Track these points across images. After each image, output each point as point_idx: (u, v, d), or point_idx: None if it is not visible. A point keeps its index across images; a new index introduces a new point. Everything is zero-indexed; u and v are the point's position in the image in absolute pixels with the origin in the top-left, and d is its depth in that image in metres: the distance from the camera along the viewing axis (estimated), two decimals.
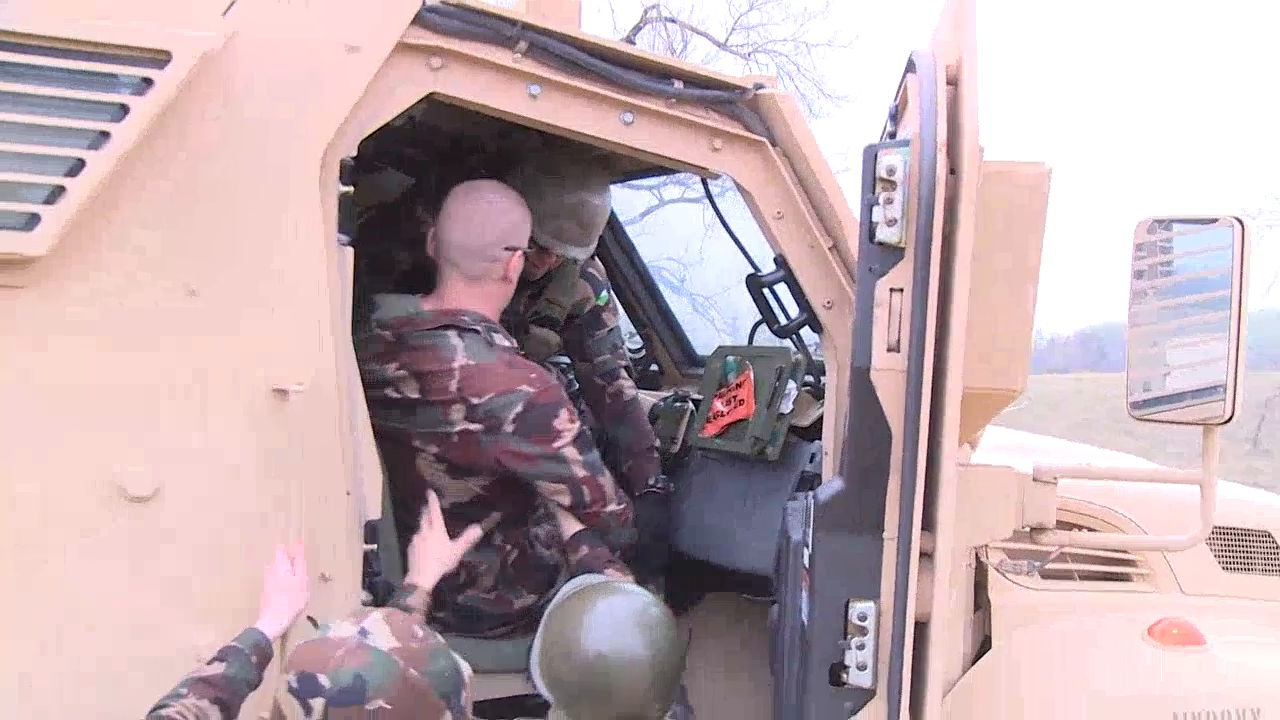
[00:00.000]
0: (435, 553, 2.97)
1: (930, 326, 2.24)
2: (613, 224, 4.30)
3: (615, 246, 4.31)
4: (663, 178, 17.00)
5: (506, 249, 3.11)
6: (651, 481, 3.65)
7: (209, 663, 2.33)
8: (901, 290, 2.28)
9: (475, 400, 3.00)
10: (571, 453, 3.05)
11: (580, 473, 3.08)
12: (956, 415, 2.24)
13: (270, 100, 2.48)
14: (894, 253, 2.29)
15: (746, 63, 20.83)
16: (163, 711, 2.24)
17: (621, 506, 3.21)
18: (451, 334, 3.05)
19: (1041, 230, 2.34)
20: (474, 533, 3.09)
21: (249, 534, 2.48)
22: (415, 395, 3.05)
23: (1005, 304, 2.34)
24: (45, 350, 2.36)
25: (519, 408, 3.00)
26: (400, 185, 3.96)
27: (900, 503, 2.28)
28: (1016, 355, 2.37)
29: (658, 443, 3.76)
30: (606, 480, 3.16)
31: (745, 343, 3.59)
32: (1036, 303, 2.36)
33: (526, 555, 3.32)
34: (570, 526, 3.14)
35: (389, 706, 2.00)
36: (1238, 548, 3.51)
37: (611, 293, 4.01)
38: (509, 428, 3.00)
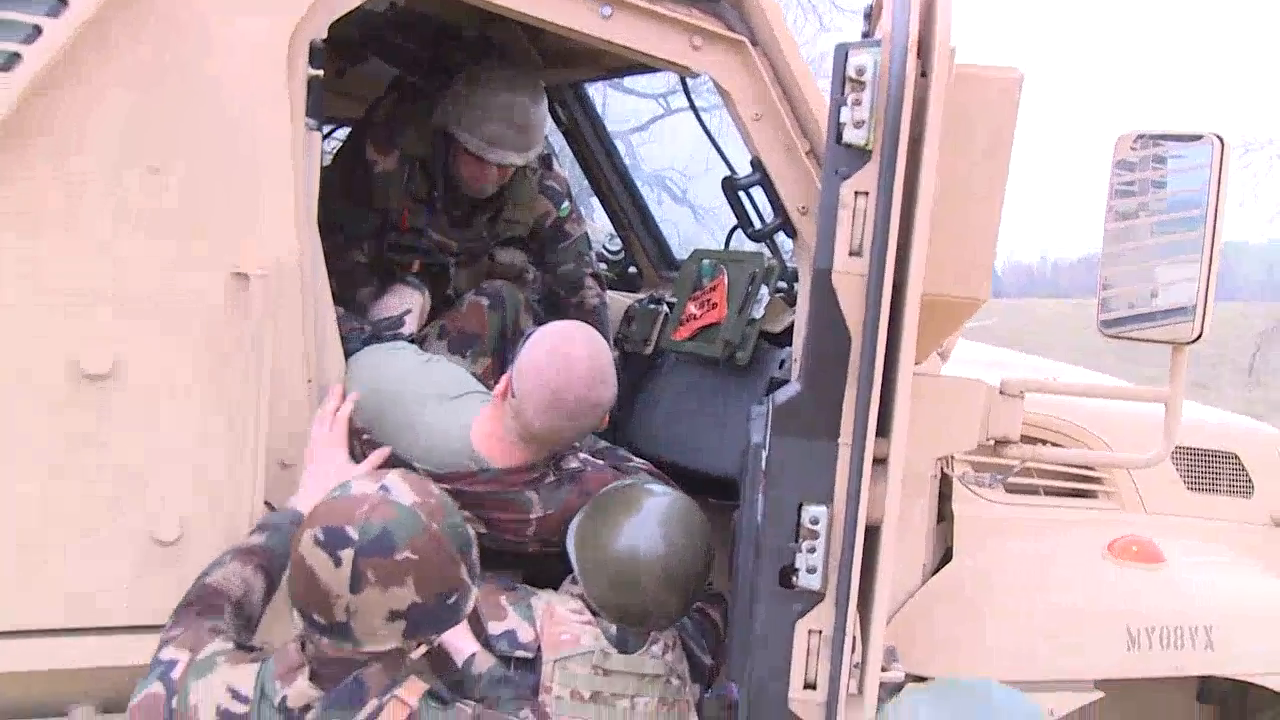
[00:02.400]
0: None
1: (894, 231, 2.21)
2: (595, 123, 4.26)
3: (598, 147, 4.27)
4: (669, 87, 16.85)
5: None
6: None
7: (249, 535, 2.45)
8: (866, 194, 2.25)
9: (553, 537, 2.85)
10: None
11: None
12: (915, 321, 2.22)
13: None
14: (861, 155, 2.25)
15: None
16: (208, 579, 2.32)
17: None
18: (527, 491, 2.80)
19: (1011, 137, 2.31)
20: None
21: (207, 419, 2.47)
22: (481, 530, 2.74)
23: (971, 211, 2.32)
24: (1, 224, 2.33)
25: None
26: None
27: (856, 408, 2.27)
28: (980, 264, 2.35)
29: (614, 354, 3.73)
30: None
31: (723, 247, 3.58)
32: (1003, 211, 2.34)
33: None
34: None
35: (415, 557, 2.04)
36: (1203, 468, 3.53)
37: (574, 201, 3.96)
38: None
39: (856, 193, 2.26)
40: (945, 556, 3.12)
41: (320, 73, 2.57)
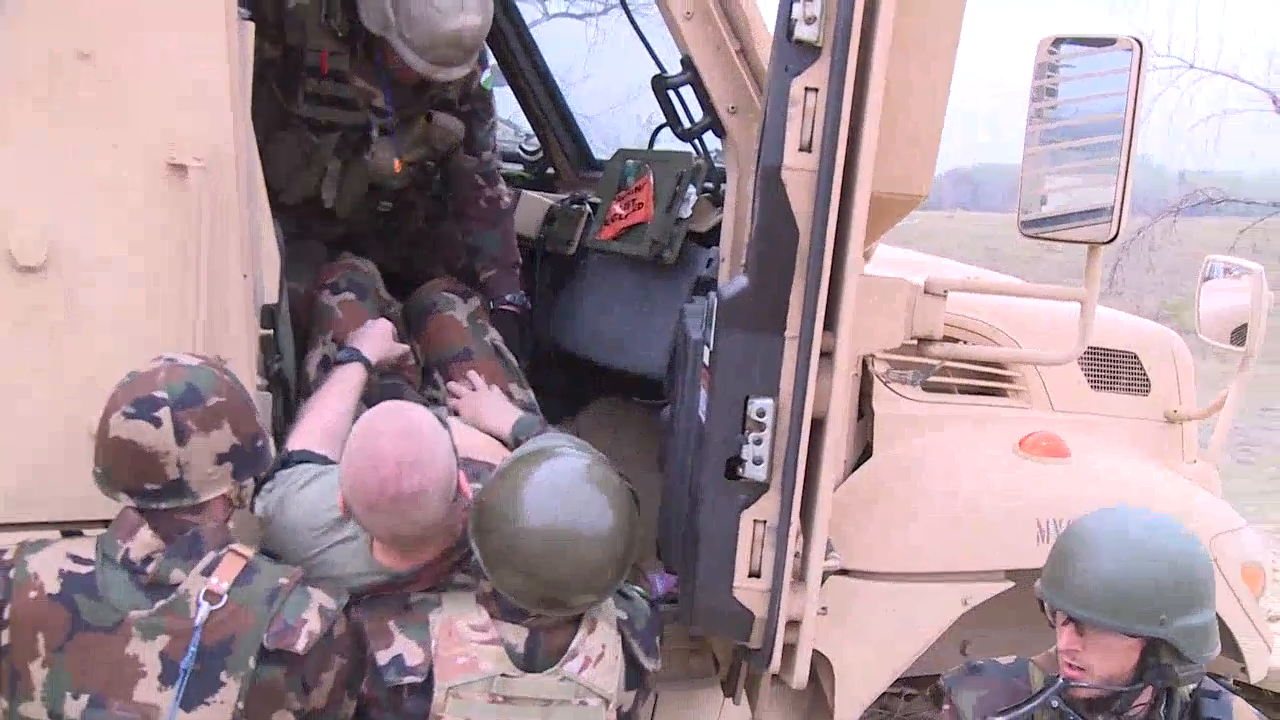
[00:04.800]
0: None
1: (844, 128, 2.25)
2: (514, 19, 4.19)
3: (517, 44, 4.21)
4: None
5: None
6: (510, 298, 3.58)
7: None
8: (816, 90, 2.28)
9: None
10: None
11: None
12: (864, 217, 2.27)
13: None
14: (811, 51, 2.27)
15: None
16: None
17: None
18: (457, 577, 2.50)
19: (957, 35, 2.34)
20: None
21: (142, 312, 2.41)
22: None
23: (917, 108, 2.35)
24: None
25: None
26: None
27: (804, 302, 2.31)
28: (924, 161, 2.40)
29: (520, 260, 3.69)
30: None
31: (645, 147, 3.57)
32: (946, 108, 2.39)
33: None
34: None
35: (223, 399, 2.22)
36: (1106, 367, 3.67)
37: (491, 73, 3.71)
38: None
39: (806, 89, 2.29)
40: (865, 453, 3.21)
41: None
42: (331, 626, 2.20)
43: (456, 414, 3.19)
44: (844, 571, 3.01)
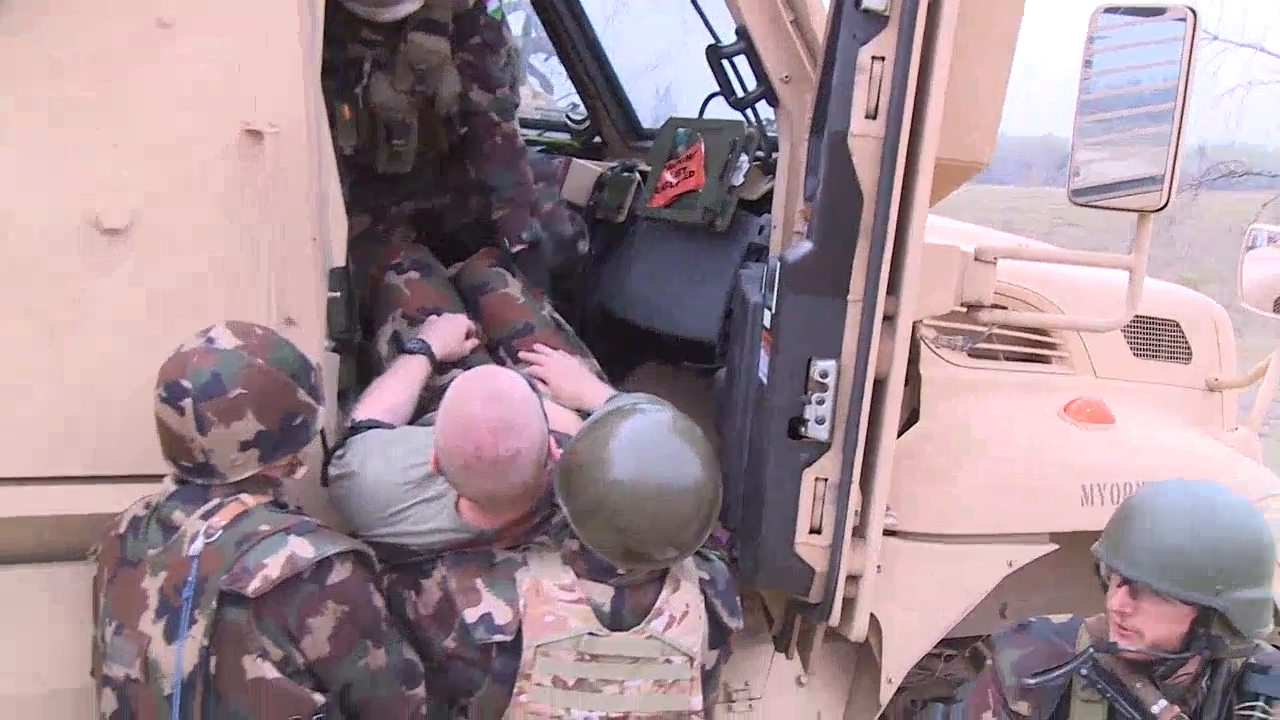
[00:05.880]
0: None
1: (910, 95, 2.30)
2: None
3: (566, 13, 4.24)
4: None
5: None
6: (525, 236, 3.51)
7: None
8: (883, 59, 2.32)
9: None
10: None
11: None
12: (929, 183, 2.32)
13: None
14: (878, 20, 2.32)
15: None
16: None
17: None
18: (538, 538, 2.58)
19: (1022, 3, 2.39)
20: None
21: (218, 271, 2.48)
22: None
23: (981, 76, 2.40)
24: (14, 80, 2.29)
25: None
26: None
27: (868, 266, 2.37)
28: (986, 128, 2.45)
29: (534, 199, 3.61)
30: None
31: (698, 115, 3.61)
32: (1009, 77, 2.43)
33: None
34: None
35: (245, 391, 2.25)
36: (1148, 335, 3.71)
37: (501, 3, 3.55)
38: None
39: (874, 58, 2.33)
40: (911, 418, 3.26)
41: None
42: (305, 573, 2.20)
43: (543, 385, 3.15)
44: (891, 532, 3.06)
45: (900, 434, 3.18)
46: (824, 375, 2.42)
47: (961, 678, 3.82)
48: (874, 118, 2.34)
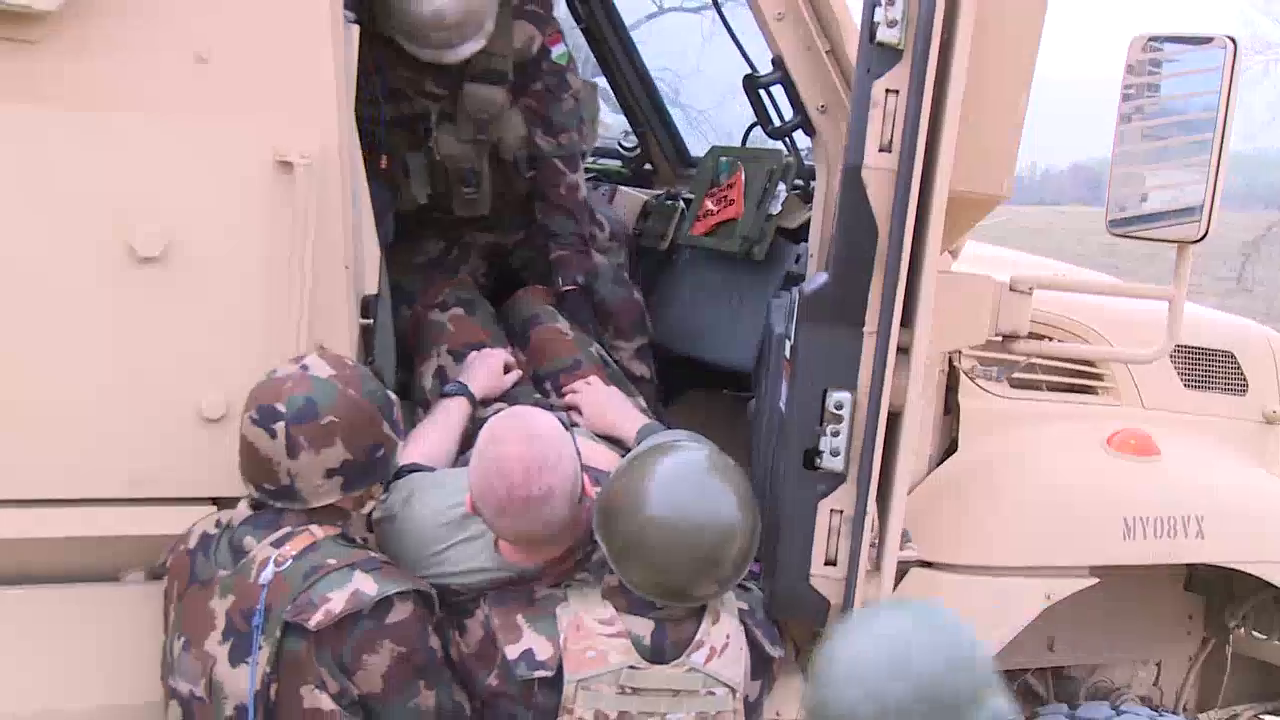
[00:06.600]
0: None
1: (923, 129, 2.30)
2: (612, 17, 4.28)
3: (616, 44, 4.30)
4: None
5: None
6: (578, 278, 3.56)
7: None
8: (897, 92, 2.33)
9: None
10: None
11: None
12: (942, 216, 2.32)
13: None
14: (892, 54, 2.33)
15: None
16: None
17: None
18: (579, 575, 2.57)
19: (1037, 38, 2.38)
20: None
21: (250, 302, 2.54)
22: None
23: (996, 110, 2.40)
24: (57, 109, 2.38)
25: None
26: None
27: (882, 298, 2.37)
28: (1003, 161, 2.44)
29: (589, 242, 3.65)
30: None
31: (740, 144, 3.64)
32: (1026, 111, 2.42)
33: None
34: None
35: (337, 419, 2.32)
36: (1200, 366, 3.65)
37: (569, 47, 3.57)
38: None
39: (888, 91, 2.34)
40: (950, 448, 3.24)
41: None
42: (365, 610, 2.22)
43: (578, 414, 3.22)
44: (927, 564, 3.05)
45: (939, 464, 3.21)
46: (839, 407, 2.43)
47: None
48: (888, 151, 2.35)
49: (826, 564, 2.50)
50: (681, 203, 3.79)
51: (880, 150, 2.35)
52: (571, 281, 3.55)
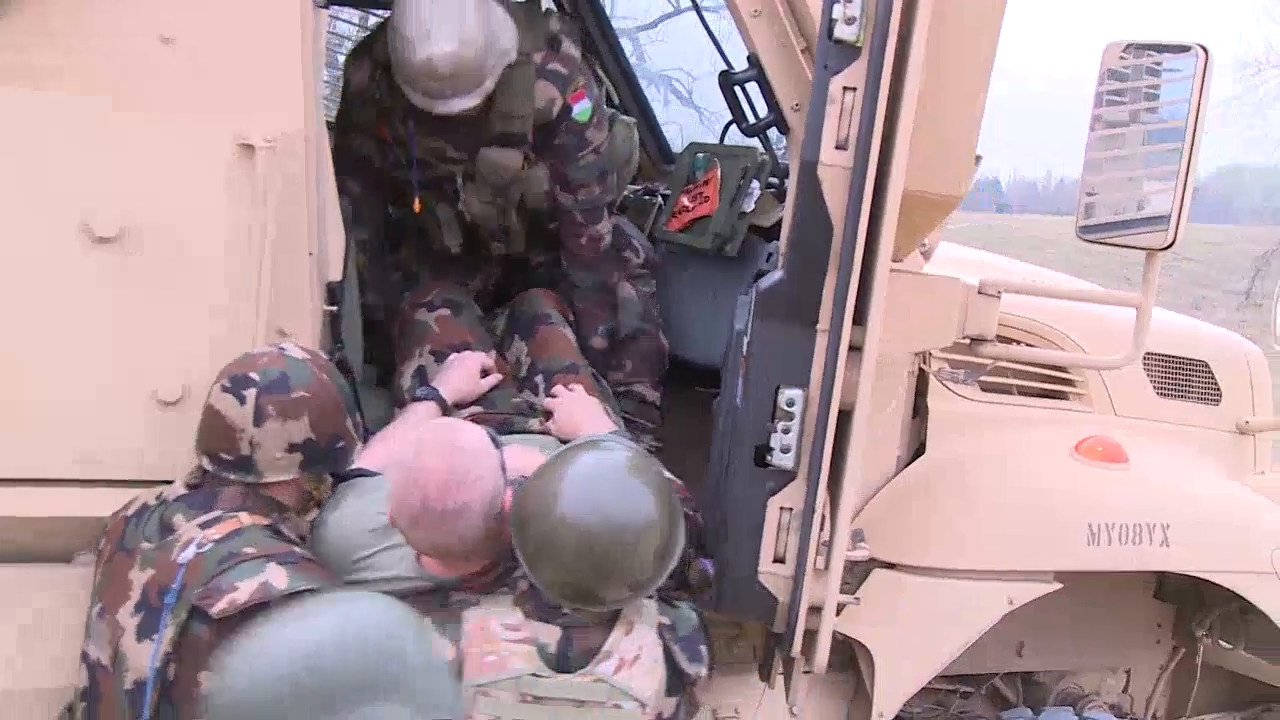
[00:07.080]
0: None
1: (878, 126, 2.30)
2: (598, 15, 4.28)
3: (600, 40, 4.29)
4: None
5: None
6: (601, 330, 3.58)
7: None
8: (854, 89, 2.33)
9: None
10: None
11: None
12: (895, 215, 2.31)
13: None
14: (850, 51, 2.32)
15: None
16: None
17: None
18: (498, 590, 2.50)
19: (996, 38, 2.37)
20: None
21: (210, 285, 2.53)
22: None
23: (954, 110, 2.39)
24: (14, 90, 2.38)
25: None
26: None
27: (834, 296, 2.37)
28: (960, 161, 2.43)
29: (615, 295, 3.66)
30: None
31: (718, 141, 3.64)
32: (984, 112, 2.42)
33: None
34: None
35: (309, 395, 2.37)
36: (1174, 375, 3.64)
37: (600, 104, 3.49)
38: None
39: (845, 88, 2.34)
40: (919, 450, 3.24)
41: None
42: (270, 602, 2.13)
43: (550, 415, 3.21)
44: (890, 565, 3.05)
45: (906, 466, 3.20)
46: (790, 404, 2.43)
47: (978, 716, 3.79)
48: (844, 148, 2.34)
49: (775, 561, 2.49)
50: (659, 198, 3.80)
51: (836, 147, 2.35)
52: (596, 336, 3.58)
